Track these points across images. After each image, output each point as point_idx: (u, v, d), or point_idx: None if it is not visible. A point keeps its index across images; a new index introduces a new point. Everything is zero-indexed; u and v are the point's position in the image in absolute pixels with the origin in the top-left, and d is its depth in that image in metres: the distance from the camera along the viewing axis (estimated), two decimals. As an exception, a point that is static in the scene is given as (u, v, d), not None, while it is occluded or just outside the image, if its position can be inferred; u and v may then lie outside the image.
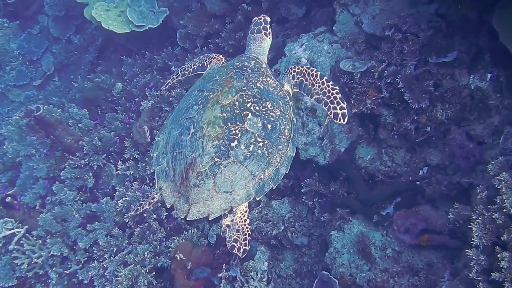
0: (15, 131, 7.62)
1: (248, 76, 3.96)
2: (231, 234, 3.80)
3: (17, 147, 7.51)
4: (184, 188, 3.66)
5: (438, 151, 5.24)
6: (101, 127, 7.61)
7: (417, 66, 5.11)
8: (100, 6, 8.21)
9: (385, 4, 5.61)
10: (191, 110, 3.86)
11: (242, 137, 3.62)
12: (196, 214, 3.62)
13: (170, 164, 3.81)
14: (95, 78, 8.56)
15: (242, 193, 3.64)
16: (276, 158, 3.73)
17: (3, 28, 11.06)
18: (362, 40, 5.78)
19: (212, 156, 3.57)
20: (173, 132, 3.91)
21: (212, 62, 4.64)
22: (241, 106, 3.72)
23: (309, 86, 4.10)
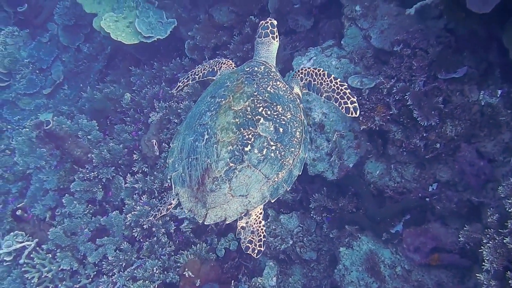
0: (25, 143, 7.67)
1: (259, 81, 4.02)
2: (246, 236, 3.84)
3: (27, 159, 7.57)
4: (201, 194, 3.73)
5: (448, 167, 5.19)
6: (110, 139, 7.63)
7: (426, 82, 5.07)
8: (109, 17, 8.22)
9: (394, 19, 5.56)
10: (204, 116, 3.93)
11: (255, 142, 3.68)
12: (213, 218, 3.71)
13: (186, 170, 3.88)
14: (104, 88, 8.58)
15: (257, 196, 3.72)
16: (288, 160, 3.80)
17: (13, 37, 11.10)
18: (371, 54, 5.74)
19: (227, 161, 3.64)
20: (187, 139, 3.98)
21: (222, 67, 4.70)
22: (253, 111, 3.79)
23: (318, 85, 4.18)
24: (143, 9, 8.22)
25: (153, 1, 8.18)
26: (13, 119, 10.40)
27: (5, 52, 10.79)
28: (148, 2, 8.21)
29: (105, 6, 8.71)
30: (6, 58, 10.69)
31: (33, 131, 7.65)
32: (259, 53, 4.55)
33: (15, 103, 10.58)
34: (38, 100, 10.62)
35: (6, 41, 10.95)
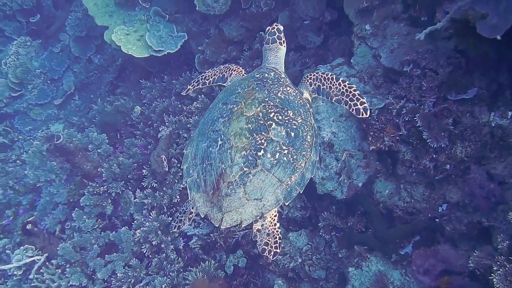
0: (36, 156, 7.74)
1: (269, 87, 4.15)
2: (261, 238, 3.95)
3: (38, 173, 7.62)
4: (216, 198, 3.84)
5: (458, 188, 5.16)
6: (120, 153, 7.67)
7: (436, 103, 5.05)
8: (120, 30, 8.27)
9: (403, 38, 5.55)
10: (217, 123, 4.04)
11: (268, 146, 3.80)
12: (229, 222, 3.81)
13: (201, 175, 3.99)
14: (115, 101, 8.63)
15: (271, 199, 3.83)
16: (301, 164, 3.92)
17: (25, 47, 11.22)
18: (380, 73, 5.72)
19: (241, 166, 3.75)
20: (200, 145, 4.09)
21: (233, 74, 4.86)
22: (265, 117, 3.90)
23: (327, 90, 4.32)
24: (153, 22, 8.26)
25: (163, 14, 8.22)
26: (24, 130, 10.50)
27: (17, 62, 10.91)
28: (158, 16, 8.25)
29: (116, 19, 8.77)
30: (18, 68, 10.81)
31: (44, 144, 7.70)
32: (268, 60, 4.72)
33: (26, 113, 10.68)
34: (49, 110, 10.71)
35: (19, 51, 11.07)
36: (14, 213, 8.41)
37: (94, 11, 8.95)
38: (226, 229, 6.18)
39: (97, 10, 8.94)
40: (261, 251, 3.93)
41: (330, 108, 5.67)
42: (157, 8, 8.24)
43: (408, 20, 5.59)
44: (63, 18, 11.44)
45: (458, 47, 5.04)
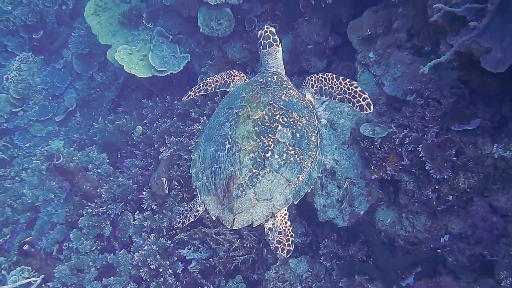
0: (35, 175, 7.70)
1: (273, 90, 4.23)
2: (273, 237, 4.01)
3: (37, 192, 7.57)
4: (227, 200, 3.90)
5: (460, 219, 5.12)
6: (120, 173, 7.64)
7: (439, 133, 5.02)
8: (123, 49, 8.29)
9: (407, 67, 5.54)
10: (224, 127, 4.10)
11: (275, 148, 3.87)
12: (241, 222, 3.88)
13: (210, 179, 4.04)
14: (116, 120, 8.62)
15: (281, 199, 3.90)
16: (307, 163, 3.99)
17: (28, 63, 11.23)
18: (383, 101, 5.72)
19: (250, 168, 3.82)
20: (208, 149, 4.15)
21: (235, 80, 4.92)
22: (271, 119, 3.98)
23: (329, 90, 4.40)
24: (157, 42, 8.28)
25: (167, 35, 8.24)
26: (24, 146, 10.48)
27: (19, 77, 10.92)
28: (162, 36, 8.27)
29: (120, 38, 8.80)
30: (20, 84, 10.81)
31: (44, 163, 7.66)
32: (269, 64, 4.76)
33: (27, 129, 10.65)
34: (50, 127, 10.69)
35: (21, 67, 11.08)
36: (12, 231, 8.34)
37: (97, 30, 8.99)
38: (225, 254, 6.12)
39: (100, 29, 8.98)
40: (274, 249, 3.99)
41: (332, 135, 5.65)
42: (161, 29, 8.27)
43: (412, 49, 5.59)
44: (66, 35, 11.48)
45: (461, 77, 5.03)
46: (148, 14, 8.45)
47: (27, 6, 11.64)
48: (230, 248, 6.21)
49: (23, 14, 11.51)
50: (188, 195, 6.88)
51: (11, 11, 11.70)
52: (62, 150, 9.29)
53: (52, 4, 11.74)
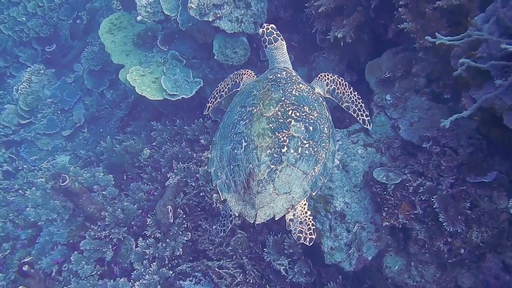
0: (39, 194, 7.60)
1: (283, 86, 4.37)
2: (295, 227, 4.16)
3: (40, 211, 7.47)
4: (248, 196, 4.00)
5: (471, 274, 4.98)
6: (125, 196, 7.55)
7: (454, 183, 4.92)
8: (136, 70, 8.24)
9: (424, 112, 5.46)
10: (239, 125, 4.22)
11: (290, 143, 4.00)
12: (263, 217, 3.99)
13: (230, 176, 4.14)
14: (124, 140, 8.56)
15: (299, 192, 4.03)
16: (322, 155, 4.15)
17: (39, 75, 11.25)
18: (398, 145, 5.62)
19: (268, 164, 3.95)
20: (225, 148, 4.26)
21: (244, 78, 5.02)
22: (284, 115, 4.12)
23: (340, 94, 4.77)
24: (170, 66, 8.23)
25: (181, 59, 8.20)
26: (30, 159, 10.40)
27: (29, 89, 10.93)
28: (175, 60, 8.22)
29: (133, 58, 8.76)
30: (29, 96, 10.82)
31: (49, 182, 7.58)
32: (277, 59, 4.87)
33: (33, 142, 10.59)
34: (57, 141, 10.66)
35: (31, 79, 11.10)
36: (12, 247, 8.24)
37: (111, 48, 8.97)
38: None
39: (114, 48, 8.96)
40: (296, 239, 4.14)
41: (344, 177, 5.56)
42: (175, 52, 8.23)
43: (430, 94, 5.51)
44: (79, 49, 11.51)
45: (480, 129, 4.93)
46: (163, 36, 8.41)
47: (41, 18, 11.70)
48: (233, 283, 6.10)
49: (37, 26, 11.60)
50: (193, 224, 6.80)
51: (25, 22, 11.74)
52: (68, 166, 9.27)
53: (67, 18, 11.79)
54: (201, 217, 6.90)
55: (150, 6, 7.96)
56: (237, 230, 6.47)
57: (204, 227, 6.70)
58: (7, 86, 11.68)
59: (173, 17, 7.71)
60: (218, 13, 7.20)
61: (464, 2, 4.77)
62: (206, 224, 6.71)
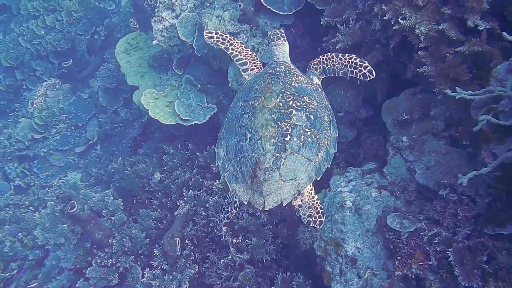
0: (48, 218, 7.54)
1: (283, 79, 4.61)
2: (304, 212, 4.36)
3: (48, 235, 7.40)
4: (255, 185, 4.21)
5: (486, 329, 4.79)
6: (133, 223, 7.46)
7: (471, 235, 4.73)
8: (150, 93, 8.16)
9: (442, 157, 5.28)
10: (242, 118, 4.44)
11: (292, 131, 4.21)
12: (271, 203, 4.20)
13: (237, 168, 4.36)
14: (136, 162, 8.48)
15: (304, 177, 4.25)
16: (324, 142, 4.36)
17: (54, 89, 11.26)
18: (413, 188, 5.45)
19: (273, 152, 4.15)
20: (230, 141, 4.48)
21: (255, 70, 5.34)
22: (285, 105, 4.33)
23: (331, 68, 4.94)
24: (184, 90, 8.15)
25: (195, 83, 8.11)
26: (42, 175, 10.37)
27: (44, 104, 10.94)
28: (190, 84, 8.14)
29: (148, 80, 8.71)
30: (44, 111, 10.81)
31: (58, 205, 7.52)
32: (276, 55, 5.24)
33: (46, 158, 10.57)
34: (69, 157, 10.62)
35: (47, 93, 11.13)
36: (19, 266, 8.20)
37: (126, 69, 8.95)
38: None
39: (129, 69, 8.94)
40: (306, 223, 4.34)
41: (357, 221, 5.39)
42: (190, 77, 8.14)
43: (449, 139, 5.33)
44: (96, 64, 11.52)
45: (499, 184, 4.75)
46: (179, 60, 8.34)
47: (59, 32, 11.71)
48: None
49: (55, 40, 11.64)
50: (201, 255, 6.69)
51: (44, 35, 11.78)
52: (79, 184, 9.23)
53: (85, 33, 11.80)
54: (210, 248, 6.78)
55: (166, 30, 7.90)
56: (246, 265, 6.35)
57: (212, 259, 6.57)
58: (23, 99, 11.70)
59: (189, 42, 7.63)
60: (234, 41, 7.10)
61: (487, 48, 4.61)
62: (214, 256, 6.59)
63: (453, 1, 4.82)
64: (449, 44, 4.91)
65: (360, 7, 5.96)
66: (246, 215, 6.53)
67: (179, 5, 7.84)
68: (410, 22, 4.95)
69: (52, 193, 9.14)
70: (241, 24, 7.20)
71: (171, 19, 7.88)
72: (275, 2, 7.07)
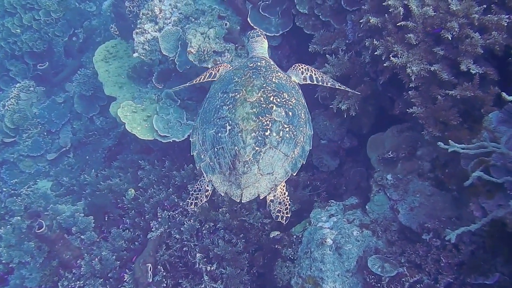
0: (14, 234, 7.19)
1: (264, 74, 4.64)
2: (274, 207, 4.37)
3: (13, 253, 7.06)
4: (233, 177, 4.25)
5: None
6: (104, 241, 7.18)
7: (453, 283, 4.63)
8: (128, 106, 7.88)
9: (426, 198, 5.16)
10: (222, 110, 4.44)
11: (272, 126, 4.27)
12: (248, 196, 4.25)
13: (214, 159, 4.38)
14: (110, 176, 8.19)
15: (281, 172, 4.32)
16: (300, 138, 4.44)
17: (28, 92, 10.84)
18: (396, 228, 5.32)
19: (253, 146, 4.19)
20: (207, 132, 4.47)
21: (220, 69, 5.24)
22: (266, 100, 4.38)
23: (319, 78, 5.05)
24: (164, 105, 7.89)
25: (175, 99, 7.86)
26: (10, 181, 9.94)
27: (17, 107, 10.53)
28: (170, 99, 7.89)
29: (126, 92, 8.45)
30: (16, 114, 10.41)
31: (25, 221, 7.19)
32: (256, 50, 5.27)
33: (16, 164, 10.16)
34: (40, 164, 10.21)
35: (20, 96, 10.72)
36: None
37: (104, 78, 8.68)
38: None
39: (107, 78, 8.67)
40: (275, 218, 4.35)
41: (337, 260, 5.23)
42: (170, 91, 7.88)
43: (434, 180, 5.21)
44: (73, 68, 11.20)
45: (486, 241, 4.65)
46: (159, 73, 8.08)
47: (36, 32, 11.32)
48: None
49: (31, 40, 11.26)
50: (173, 281, 6.45)
51: (20, 34, 11.37)
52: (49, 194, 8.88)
53: (63, 34, 11.43)
54: (183, 273, 6.53)
55: (148, 43, 7.64)
56: (219, 295, 6.13)
57: (185, 286, 6.34)
58: (-6, 100, 11.25)
59: (171, 57, 7.39)
60: (218, 60, 6.90)
61: (478, 94, 4.50)
62: (187, 283, 6.34)
63: (446, 42, 4.70)
64: (440, 85, 4.79)
65: (350, 37, 5.84)
66: (222, 242, 6.33)
67: (162, 18, 7.60)
68: (402, 60, 4.81)
69: (20, 203, 8.73)
70: (226, 43, 6.99)
71: (153, 32, 7.63)
72: (263, 23, 6.89)
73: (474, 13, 4.51)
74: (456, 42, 4.65)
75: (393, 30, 5.02)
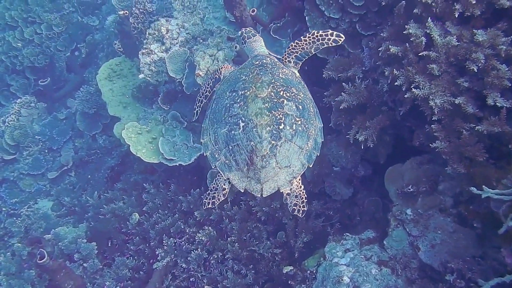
0: (14, 261, 6.93)
1: (271, 70, 4.67)
2: (291, 200, 4.43)
3: (13, 282, 6.80)
4: (252, 172, 4.30)
5: None
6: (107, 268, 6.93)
7: (479, 328, 4.37)
8: (132, 127, 7.64)
9: (448, 235, 4.91)
10: (233, 108, 4.45)
11: (285, 120, 4.30)
12: (269, 190, 4.33)
13: (229, 156, 4.39)
14: (113, 199, 7.93)
15: (298, 165, 4.38)
16: (312, 131, 4.48)
17: (29, 108, 10.63)
18: (416, 266, 5.07)
19: (269, 140, 4.23)
20: (219, 131, 4.49)
21: (222, 71, 5.26)
22: (277, 95, 4.42)
23: (302, 51, 5.00)
24: (170, 126, 7.66)
25: (182, 121, 7.63)
26: (10, 201, 9.68)
27: (17, 123, 10.34)
28: (176, 121, 7.66)
29: (131, 112, 8.22)
30: (16, 130, 10.21)
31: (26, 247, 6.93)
32: (256, 49, 5.25)
33: (15, 182, 9.91)
34: (41, 183, 9.96)
35: (21, 112, 10.53)
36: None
37: (108, 97, 8.46)
38: None
39: (111, 97, 8.44)
40: (291, 211, 4.42)
41: (354, 300, 4.98)
42: (176, 113, 7.67)
43: (457, 217, 4.95)
44: (75, 83, 11.00)
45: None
46: (165, 94, 7.84)
47: (38, 46, 11.11)
48: None
49: (33, 54, 11.07)
50: (179, 313, 6.21)
51: (21, 48, 11.16)
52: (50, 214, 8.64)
53: (65, 49, 11.21)
54: (189, 305, 6.31)
55: (154, 64, 7.41)
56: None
57: (192, 319, 6.10)
58: (-6, 115, 11.01)
59: (178, 79, 7.17)
60: (227, 83, 6.66)
61: (506, 129, 4.26)
62: (194, 316, 6.12)
63: (470, 73, 4.47)
64: (464, 118, 4.55)
65: (367, 64, 5.61)
66: (230, 273, 6.09)
67: (169, 38, 7.38)
68: (424, 92, 4.58)
69: (20, 224, 8.49)
70: (236, 66, 6.75)
71: (160, 52, 7.40)
72: (273, 45, 6.65)
73: (501, 44, 4.29)
74: (482, 74, 4.42)
75: (414, 60, 4.79)
